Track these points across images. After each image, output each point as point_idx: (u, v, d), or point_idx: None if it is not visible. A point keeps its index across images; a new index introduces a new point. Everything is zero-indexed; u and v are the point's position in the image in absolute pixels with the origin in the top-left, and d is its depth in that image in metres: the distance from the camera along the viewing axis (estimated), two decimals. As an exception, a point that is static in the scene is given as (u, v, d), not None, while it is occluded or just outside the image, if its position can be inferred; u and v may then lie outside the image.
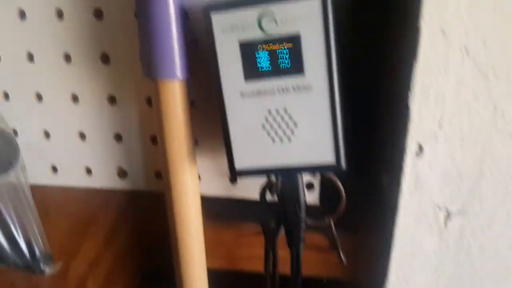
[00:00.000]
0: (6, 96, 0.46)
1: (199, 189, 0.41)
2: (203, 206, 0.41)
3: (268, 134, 0.35)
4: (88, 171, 0.48)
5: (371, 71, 0.42)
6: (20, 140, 0.48)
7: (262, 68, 0.33)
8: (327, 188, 0.43)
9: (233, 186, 0.45)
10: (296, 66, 0.32)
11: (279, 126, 0.34)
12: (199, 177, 0.44)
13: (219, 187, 0.45)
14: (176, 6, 0.34)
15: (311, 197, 0.43)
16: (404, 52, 0.35)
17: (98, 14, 0.40)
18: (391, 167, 0.40)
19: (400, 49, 0.36)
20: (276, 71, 0.33)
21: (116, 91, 0.43)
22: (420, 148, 0.36)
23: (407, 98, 0.34)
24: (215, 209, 0.45)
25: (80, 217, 0.51)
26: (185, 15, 0.36)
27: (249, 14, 0.32)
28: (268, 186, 0.40)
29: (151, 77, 0.36)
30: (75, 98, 0.45)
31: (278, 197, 0.39)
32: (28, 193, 0.38)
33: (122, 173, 0.47)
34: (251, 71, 0.33)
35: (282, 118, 0.34)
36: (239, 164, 0.36)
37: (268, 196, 0.41)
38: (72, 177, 0.49)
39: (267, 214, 0.41)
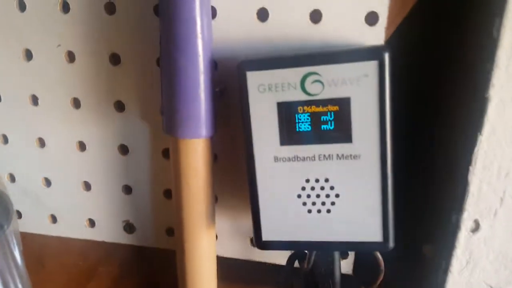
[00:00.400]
0: (5, 139, 0.41)
1: (216, 251, 0.36)
2: (218, 266, 0.37)
3: (304, 204, 0.30)
4: (92, 223, 0.44)
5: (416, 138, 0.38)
6: (18, 186, 0.44)
7: (302, 132, 0.29)
8: (361, 255, 0.38)
9: (253, 248, 0.40)
10: (343, 132, 0.28)
11: (318, 196, 0.30)
12: (216, 237, 0.40)
13: (238, 249, 0.40)
14: (207, 58, 0.29)
15: (344, 265, 0.38)
16: (465, 122, 0.30)
17: (115, 58, 0.36)
18: (436, 238, 0.36)
19: (458, 119, 0.32)
20: (318, 136, 0.28)
21: (129, 141, 0.39)
22: (477, 224, 0.32)
23: (466, 171, 0.30)
24: (232, 271, 0.40)
25: (80, 270, 0.46)
26: (214, 65, 0.31)
27: (291, 75, 0.27)
28: (299, 257, 0.35)
29: (173, 136, 0.31)
30: (82, 146, 0.40)
31: (309, 269, 0.34)
32: (17, 254, 0.33)
33: (129, 228, 0.43)
34: (289, 134, 0.29)
35: (322, 188, 0.30)
36: (267, 235, 0.31)
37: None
38: (73, 228, 0.44)
39: (292, 281, 0.37)
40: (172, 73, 0.29)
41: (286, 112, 0.28)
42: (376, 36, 0.29)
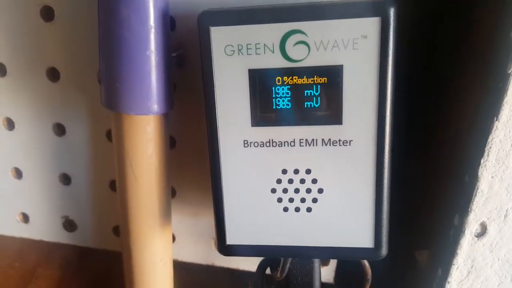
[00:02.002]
0: None
1: (173, 255, 0.30)
2: (176, 273, 0.31)
3: (279, 201, 0.24)
4: (25, 218, 0.37)
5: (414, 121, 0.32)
6: None
7: (280, 109, 0.22)
8: (345, 261, 0.33)
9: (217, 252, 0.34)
10: (331, 111, 0.22)
11: (297, 191, 0.24)
12: (174, 238, 0.33)
13: (199, 252, 0.34)
14: (159, 9, 0.22)
15: (325, 273, 0.32)
16: (478, 105, 0.25)
17: (48, 12, 0.28)
18: (433, 243, 0.31)
19: (469, 101, 0.26)
20: (299, 115, 0.22)
21: (65, 118, 0.32)
22: (483, 228, 0.27)
23: (476, 165, 0.25)
24: (192, 279, 0.34)
25: (16, 272, 0.39)
26: (170, 23, 0.25)
27: (267, 34, 0.21)
28: (271, 263, 0.29)
29: (114, 111, 0.24)
30: (10, 123, 0.33)
31: (283, 278, 0.28)
32: None
33: (69, 225, 0.36)
34: (263, 112, 0.23)
35: (302, 181, 0.24)
36: (232, 238, 0.26)
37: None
38: (4, 224, 0.38)
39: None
40: (112, 29, 0.22)
41: (260, 83, 0.22)
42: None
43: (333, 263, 0.33)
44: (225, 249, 0.26)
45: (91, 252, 0.37)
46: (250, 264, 0.33)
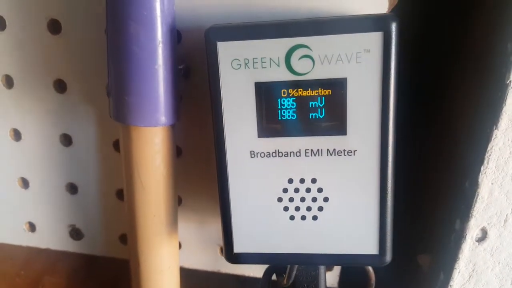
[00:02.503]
0: None
1: (179, 262, 0.31)
2: (182, 280, 0.32)
3: (286, 209, 0.25)
4: (32, 227, 0.37)
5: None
6: None
7: (285, 121, 0.23)
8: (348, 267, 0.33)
9: (223, 258, 0.34)
10: (335, 122, 0.23)
11: (303, 200, 0.25)
12: (180, 245, 0.34)
13: (205, 259, 0.34)
14: (167, 25, 0.23)
15: (329, 278, 0.33)
16: (478, 114, 0.26)
17: (54, 24, 0.29)
18: (434, 248, 0.31)
19: (469, 110, 0.27)
20: (305, 126, 0.23)
21: (72, 129, 0.32)
22: (484, 233, 0.27)
23: (477, 172, 0.25)
24: (198, 285, 0.34)
25: (22, 281, 0.39)
26: (177, 36, 0.25)
27: (273, 48, 0.22)
28: (277, 270, 0.30)
29: (123, 123, 0.25)
30: (16, 134, 0.33)
31: (289, 285, 0.29)
32: None
33: (76, 234, 0.36)
34: (269, 123, 0.23)
35: (308, 190, 0.24)
36: (240, 246, 0.26)
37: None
38: (10, 233, 0.38)
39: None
40: (121, 44, 0.23)
41: (267, 96, 0.23)
42: (379, 3, 0.24)
43: (337, 268, 0.33)
44: (233, 257, 0.26)
45: (98, 260, 0.37)
46: (256, 270, 0.34)
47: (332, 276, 0.33)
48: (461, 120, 0.28)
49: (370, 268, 0.30)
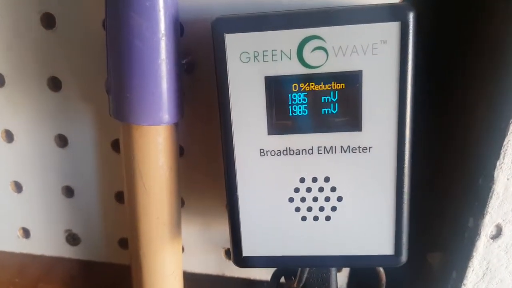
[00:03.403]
0: None
1: (182, 266, 0.29)
2: (186, 285, 0.30)
3: (297, 210, 0.24)
4: (26, 233, 0.35)
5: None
6: None
7: (297, 116, 0.22)
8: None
9: (228, 262, 0.33)
10: (350, 117, 0.22)
11: (315, 200, 0.23)
12: (183, 249, 0.32)
13: (210, 263, 0.33)
14: (170, 16, 0.22)
15: (338, 280, 0.32)
16: (493, 106, 0.25)
17: (49, 19, 0.27)
18: (446, 245, 0.30)
19: (484, 102, 0.26)
20: (317, 122, 0.22)
21: (68, 129, 0.31)
22: (499, 229, 0.27)
23: (492, 167, 0.24)
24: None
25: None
26: (180, 29, 0.24)
27: (285, 40, 0.21)
28: (286, 272, 0.29)
29: (124, 122, 0.23)
30: (8, 135, 0.32)
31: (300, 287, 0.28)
32: None
33: (72, 239, 0.34)
34: (279, 119, 0.22)
35: (321, 189, 0.23)
36: (249, 250, 0.25)
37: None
38: (3, 239, 0.36)
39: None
40: (122, 37, 0.21)
41: (277, 90, 0.22)
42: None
43: (346, 269, 0.32)
44: (242, 261, 0.25)
45: (96, 266, 0.35)
46: (262, 273, 0.32)
47: (341, 277, 0.32)
48: (475, 114, 0.27)
49: (380, 268, 0.29)
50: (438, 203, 0.32)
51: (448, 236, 0.30)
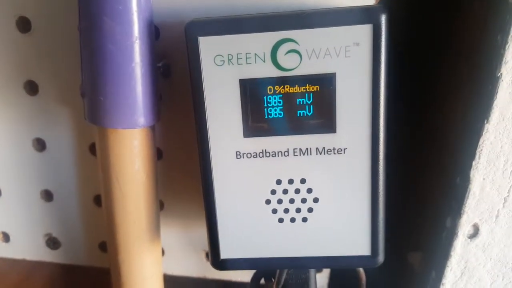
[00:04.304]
0: None
1: (163, 270, 0.29)
2: (166, 287, 0.30)
3: (274, 211, 0.24)
4: (6, 237, 0.35)
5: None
6: None
7: (272, 119, 0.22)
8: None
9: (209, 264, 0.33)
10: (324, 119, 0.22)
11: (292, 201, 0.23)
12: (163, 252, 0.32)
13: (190, 265, 0.33)
14: (144, 20, 0.22)
15: (319, 280, 0.32)
16: (468, 107, 0.25)
17: (24, 23, 0.27)
18: (425, 245, 0.31)
19: (459, 104, 0.26)
20: (292, 124, 0.22)
21: (45, 133, 0.30)
22: (476, 229, 0.27)
23: (468, 167, 0.25)
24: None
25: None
26: (155, 32, 0.24)
27: (258, 43, 0.21)
28: (265, 274, 0.29)
29: (99, 125, 0.23)
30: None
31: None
32: None
33: (52, 243, 0.34)
34: (255, 122, 0.22)
35: (297, 191, 0.23)
36: (227, 252, 0.25)
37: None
38: None
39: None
40: (95, 41, 0.21)
41: (252, 93, 0.22)
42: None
43: (327, 269, 0.32)
44: (220, 264, 0.25)
45: (77, 270, 0.35)
46: (243, 275, 0.32)
47: (322, 278, 0.32)
48: (451, 114, 0.28)
49: (360, 269, 0.29)
50: (418, 203, 0.32)
51: (427, 236, 0.31)
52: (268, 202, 0.24)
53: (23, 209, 0.33)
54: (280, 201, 0.23)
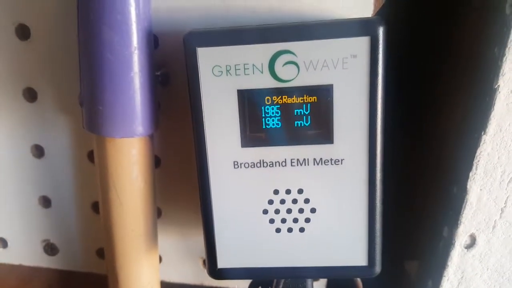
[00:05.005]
0: None
1: (160, 277, 0.29)
2: None
3: (272, 221, 0.24)
4: (4, 243, 0.35)
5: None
6: None
7: (270, 129, 0.22)
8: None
9: (205, 271, 0.33)
10: (322, 130, 0.22)
11: (289, 211, 0.24)
12: (160, 259, 0.32)
13: (187, 272, 0.33)
14: (143, 30, 0.22)
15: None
16: (465, 119, 0.25)
17: (24, 31, 0.27)
18: (422, 254, 0.31)
19: (457, 115, 0.27)
20: (290, 135, 0.22)
21: (44, 140, 0.30)
22: (473, 239, 0.27)
23: (465, 178, 0.25)
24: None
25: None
26: (154, 41, 0.24)
27: (256, 54, 0.21)
28: (262, 283, 0.29)
29: (97, 134, 0.23)
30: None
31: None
32: None
33: (50, 249, 0.34)
34: (253, 132, 0.22)
35: (295, 201, 0.23)
36: (224, 262, 0.25)
37: None
38: None
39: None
40: (94, 51, 0.21)
41: (250, 104, 0.22)
42: (363, 6, 0.23)
43: (323, 279, 0.32)
44: (217, 273, 0.25)
45: (75, 276, 0.35)
46: (240, 282, 0.32)
47: (319, 286, 0.32)
48: (449, 125, 0.28)
49: (358, 278, 0.29)
50: (416, 212, 0.33)
51: (424, 245, 0.31)
52: (265, 212, 0.24)
53: (21, 215, 0.33)
54: (277, 211, 0.23)
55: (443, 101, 0.29)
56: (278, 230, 0.24)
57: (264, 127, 0.22)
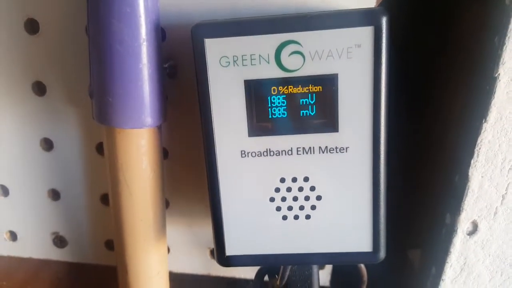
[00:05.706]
0: None
1: (168, 267, 0.30)
2: (172, 285, 0.31)
3: (278, 209, 0.24)
4: (13, 236, 0.35)
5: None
6: None
7: (276, 119, 0.22)
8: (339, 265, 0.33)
9: (213, 261, 0.33)
10: (327, 119, 0.22)
11: (295, 199, 0.24)
12: (168, 249, 0.33)
13: (195, 262, 0.34)
14: (151, 22, 0.22)
15: (321, 277, 0.33)
16: (466, 107, 0.26)
17: (33, 24, 0.28)
18: (425, 242, 0.31)
19: (458, 104, 0.27)
20: (296, 124, 0.22)
21: (53, 133, 0.31)
22: (475, 226, 0.28)
23: (467, 165, 0.25)
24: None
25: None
26: (161, 34, 0.24)
27: (263, 45, 0.21)
28: (269, 271, 0.29)
29: (107, 125, 0.24)
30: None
31: (282, 285, 0.28)
32: None
33: (59, 241, 0.35)
34: (259, 121, 0.23)
35: (301, 189, 0.24)
36: (232, 249, 0.25)
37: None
38: None
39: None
40: (103, 43, 0.22)
41: (256, 93, 0.22)
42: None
43: (328, 266, 0.33)
44: (225, 260, 0.25)
45: (84, 268, 0.36)
46: (247, 272, 0.33)
47: (324, 275, 0.33)
48: (450, 114, 0.28)
49: (362, 265, 0.29)
50: (419, 200, 0.33)
51: (427, 233, 0.31)
52: (272, 200, 0.24)
53: (31, 208, 0.34)
54: (284, 199, 0.24)
55: (444, 90, 0.29)
56: (284, 218, 0.24)
57: (270, 116, 0.22)
